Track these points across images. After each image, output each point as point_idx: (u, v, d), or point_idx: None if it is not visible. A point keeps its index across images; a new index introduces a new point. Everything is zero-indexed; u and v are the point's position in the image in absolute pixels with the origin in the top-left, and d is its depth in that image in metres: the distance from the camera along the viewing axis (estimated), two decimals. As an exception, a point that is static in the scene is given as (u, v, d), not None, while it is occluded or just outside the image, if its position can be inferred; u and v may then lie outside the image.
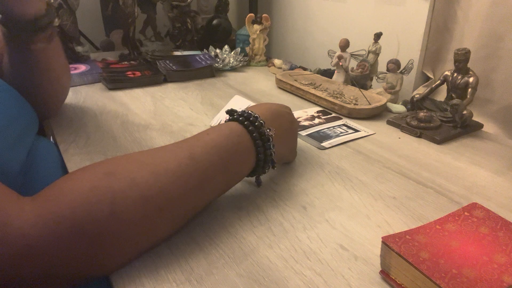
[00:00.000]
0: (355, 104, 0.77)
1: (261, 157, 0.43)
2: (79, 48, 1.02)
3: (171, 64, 0.96)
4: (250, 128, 0.43)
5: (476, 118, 0.70)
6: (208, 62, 0.99)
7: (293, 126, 0.52)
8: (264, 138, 0.43)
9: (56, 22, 0.60)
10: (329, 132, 0.67)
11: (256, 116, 0.43)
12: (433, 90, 0.72)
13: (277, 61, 1.09)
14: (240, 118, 0.43)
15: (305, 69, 1.07)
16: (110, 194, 0.32)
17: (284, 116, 0.50)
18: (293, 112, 0.53)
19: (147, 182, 0.34)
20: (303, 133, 0.66)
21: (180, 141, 0.41)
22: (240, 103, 0.68)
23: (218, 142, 0.40)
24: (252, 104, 0.61)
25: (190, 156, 0.38)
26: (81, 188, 0.32)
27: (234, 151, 0.41)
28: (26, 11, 0.54)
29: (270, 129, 0.44)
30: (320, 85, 0.89)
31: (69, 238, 0.30)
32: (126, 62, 1.02)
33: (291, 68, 1.06)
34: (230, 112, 0.46)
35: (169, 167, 0.36)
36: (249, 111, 0.44)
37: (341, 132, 0.67)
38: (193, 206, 0.40)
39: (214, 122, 0.67)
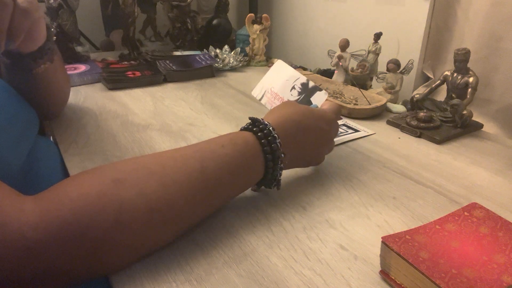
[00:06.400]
0: (355, 104, 0.77)
1: (268, 176, 0.43)
2: (79, 48, 1.02)
3: (171, 64, 0.96)
4: (265, 148, 0.42)
5: (476, 118, 0.70)
6: (208, 62, 0.99)
7: (317, 144, 0.49)
8: (276, 160, 0.42)
9: (54, 38, 0.58)
10: (329, 132, 0.66)
11: (275, 136, 0.42)
12: (433, 90, 0.72)
13: (278, 60, 1.09)
14: (259, 134, 0.42)
15: (305, 69, 1.07)
16: (117, 203, 0.32)
17: (310, 134, 0.47)
18: None
19: (155, 193, 0.34)
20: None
21: (193, 148, 0.40)
22: (282, 71, 0.64)
23: (232, 158, 0.40)
24: (295, 74, 0.59)
25: (201, 169, 0.37)
26: (88, 194, 0.32)
27: (245, 169, 0.41)
28: (34, 48, 0.53)
29: (284, 154, 0.43)
30: (320, 85, 0.89)
31: (70, 243, 0.30)
32: (126, 62, 1.02)
33: (291, 68, 1.06)
34: (253, 120, 0.45)
35: (178, 179, 0.36)
36: (271, 128, 0.43)
37: (341, 132, 0.67)
38: (198, 217, 0.40)
39: (257, 92, 0.64)
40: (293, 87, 0.60)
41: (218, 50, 1.08)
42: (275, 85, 0.62)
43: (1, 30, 0.43)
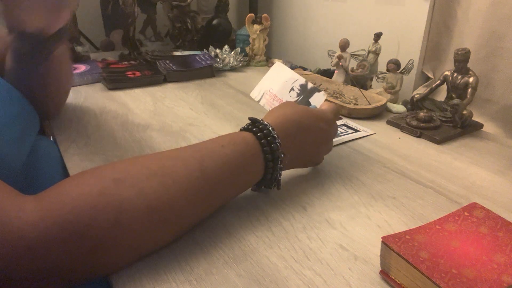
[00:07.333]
0: (355, 104, 0.77)
1: (268, 176, 0.43)
2: (79, 48, 1.02)
3: (171, 64, 0.96)
4: (265, 148, 0.42)
5: (476, 118, 0.70)
6: (208, 62, 0.99)
7: (317, 144, 0.49)
8: (275, 160, 0.43)
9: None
10: (329, 132, 0.66)
11: (275, 136, 0.42)
12: (433, 90, 0.72)
13: (277, 61, 1.09)
14: (259, 134, 0.42)
15: (305, 69, 1.07)
16: (117, 202, 0.32)
17: (309, 134, 0.47)
18: None
19: (155, 193, 0.34)
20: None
21: (193, 148, 0.40)
22: (281, 72, 0.63)
23: (232, 158, 0.40)
24: (294, 75, 0.59)
25: (201, 169, 0.37)
26: (89, 194, 0.32)
27: (245, 169, 0.41)
28: (59, 26, 0.52)
29: (284, 154, 0.43)
30: (320, 85, 0.89)
31: (71, 242, 0.30)
32: (126, 62, 1.02)
33: (291, 68, 1.06)
34: (253, 120, 0.45)
35: (178, 179, 0.36)
36: (271, 128, 0.43)
37: (341, 132, 0.67)
38: (198, 217, 0.40)
39: (256, 93, 0.64)
40: (292, 89, 0.60)
41: (218, 50, 1.08)
42: (274, 87, 0.62)
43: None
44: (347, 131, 0.67)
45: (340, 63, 0.89)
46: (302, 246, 0.39)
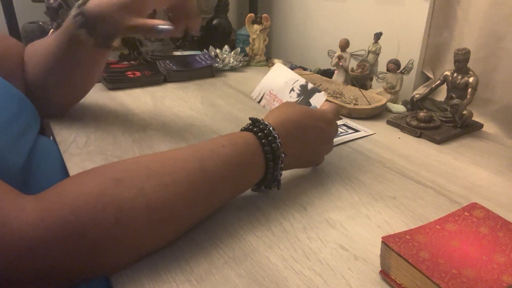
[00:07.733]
0: (355, 104, 0.77)
1: (269, 176, 0.43)
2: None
3: (171, 64, 0.96)
4: (265, 148, 0.42)
5: (476, 118, 0.70)
6: (208, 62, 0.99)
7: (317, 144, 0.49)
8: (276, 160, 0.43)
9: None
10: (329, 132, 0.66)
11: (275, 136, 0.42)
12: (433, 90, 0.72)
13: (277, 61, 1.09)
14: (259, 134, 0.42)
15: (305, 69, 1.07)
16: (117, 202, 0.32)
17: (310, 134, 0.47)
18: None
19: (155, 193, 0.34)
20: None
21: (193, 148, 0.40)
22: (281, 73, 0.63)
23: (232, 158, 0.40)
24: (294, 76, 0.60)
25: (201, 169, 0.38)
26: (89, 193, 0.32)
27: (245, 169, 0.41)
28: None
29: (284, 154, 0.43)
30: (320, 85, 0.89)
31: (71, 242, 0.30)
32: (126, 62, 1.02)
33: (291, 68, 1.06)
34: (253, 120, 0.45)
35: (178, 179, 0.36)
36: (271, 128, 0.43)
37: (341, 132, 0.67)
38: (198, 217, 0.40)
39: (256, 94, 0.64)
40: (292, 89, 0.60)
41: (218, 50, 1.08)
42: (274, 87, 0.62)
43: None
44: (347, 131, 0.67)
45: (340, 63, 0.89)
46: (302, 246, 0.39)
